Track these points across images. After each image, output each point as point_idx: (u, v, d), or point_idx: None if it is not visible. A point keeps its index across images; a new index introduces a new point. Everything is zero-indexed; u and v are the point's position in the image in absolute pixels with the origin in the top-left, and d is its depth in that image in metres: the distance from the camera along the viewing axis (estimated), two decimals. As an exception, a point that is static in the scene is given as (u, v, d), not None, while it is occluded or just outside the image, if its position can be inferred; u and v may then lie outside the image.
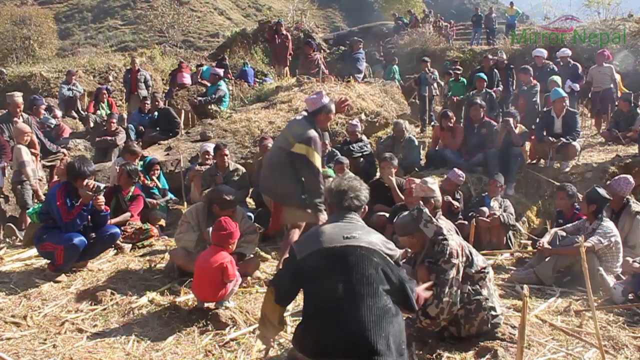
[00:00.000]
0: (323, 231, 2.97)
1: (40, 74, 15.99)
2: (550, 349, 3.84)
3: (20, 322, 4.23)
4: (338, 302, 2.75)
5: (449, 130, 8.46)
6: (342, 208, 3.11)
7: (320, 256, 2.85)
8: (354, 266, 2.81)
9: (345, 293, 2.75)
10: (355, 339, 2.68)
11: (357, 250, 2.85)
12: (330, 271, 2.83)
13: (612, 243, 5.31)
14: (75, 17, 51.91)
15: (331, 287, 2.77)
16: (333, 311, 2.76)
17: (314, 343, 2.79)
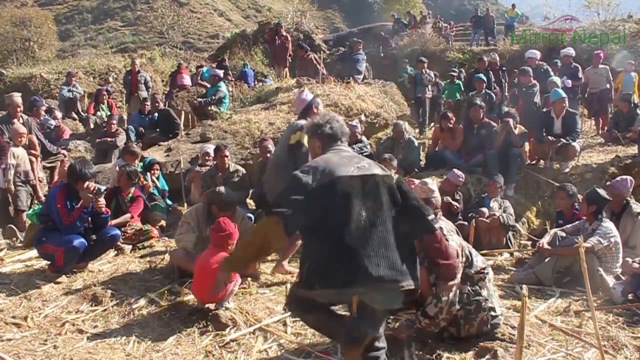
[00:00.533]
0: (331, 160, 2.96)
1: (40, 75, 16.02)
2: (550, 349, 3.85)
3: (21, 323, 4.24)
4: (364, 229, 2.78)
5: (448, 131, 8.47)
6: (334, 138, 3.17)
7: (338, 185, 2.83)
8: (371, 193, 2.87)
9: (369, 220, 2.80)
10: (387, 262, 2.76)
11: (372, 178, 2.91)
12: (351, 199, 2.82)
13: (611, 243, 5.31)
14: (75, 19, 51.92)
15: (354, 215, 2.78)
16: (360, 238, 2.76)
17: (345, 272, 2.75)
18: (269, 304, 4.72)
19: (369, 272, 2.74)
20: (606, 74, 11.21)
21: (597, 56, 11.50)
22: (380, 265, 2.76)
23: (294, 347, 3.91)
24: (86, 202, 5.11)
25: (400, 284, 2.82)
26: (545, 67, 10.87)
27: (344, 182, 2.85)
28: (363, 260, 2.74)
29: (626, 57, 13.68)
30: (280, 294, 4.97)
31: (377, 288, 2.79)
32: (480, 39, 22.91)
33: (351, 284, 2.76)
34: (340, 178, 2.85)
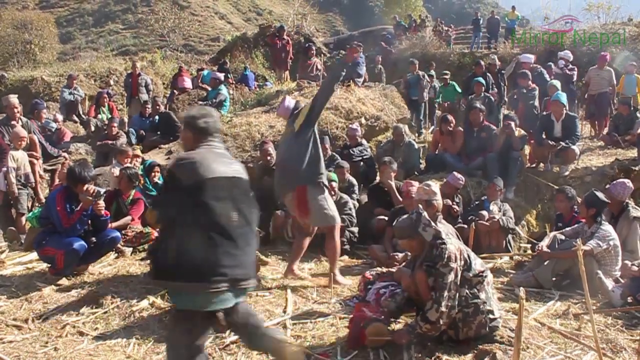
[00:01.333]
0: (208, 158, 3.06)
1: (41, 78, 16.06)
2: (548, 352, 3.86)
3: (22, 325, 4.27)
4: (234, 229, 2.97)
5: (448, 134, 8.48)
6: (207, 133, 3.22)
7: (214, 184, 2.95)
8: (241, 194, 3.09)
9: (238, 220, 3.00)
10: (248, 262, 3.04)
11: (241, 180, 3.14)
12: (224, 200, 2.98)
13: (610, 247, 5.32)
14: (77, 22, 52.12)
15: (226, 214, 2.95)
16: (230, 237, 2.94)
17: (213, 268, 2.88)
18: (269, 306, 4.75)
19: (233, 271, 2.92)
20: (609, 77, 11.10)
21: (602, 57, 11.32)
22: (242, 264, 2.99)
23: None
24: (86, 205, 5.13)
25: (248, 282, 3.06)
26: (540, 70, 10.88)
27: (217, 182, 2.97)
28: (228, 258, 2.91)
29: (628, 59, 13.66)
30: (279, 297, 4.98)
31: (234, 286, 2.95)
32: (481, 42, 22.93)
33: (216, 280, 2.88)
34: (214, 179, 2.96)
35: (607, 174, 8.00)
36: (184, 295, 2.96)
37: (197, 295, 2.91)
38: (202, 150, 3.15)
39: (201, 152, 3.12)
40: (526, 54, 12.11)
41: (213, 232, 2.91)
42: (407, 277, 4.13)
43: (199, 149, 3.16)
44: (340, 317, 4.44)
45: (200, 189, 2.92)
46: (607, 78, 11.05)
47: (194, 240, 2.89)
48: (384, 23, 32.70)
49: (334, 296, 5.00)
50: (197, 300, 2.91)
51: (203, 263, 2.88)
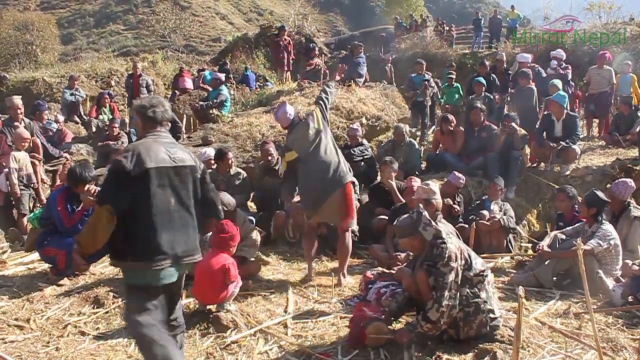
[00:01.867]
0: (151, 148, 3.24)
1: (42, 79, 16.07)
2: (549, 351, 3.86)
3: (24, 325, 4.28)
4: (172, 213, 3.24)
5: (449, 134, 8.49)
6: (155, 122, 3.38)
7: (155, 174, 3.17)
8: (181, 182, 3.30)
9: (176, 205, 3.26)
10: (186, 240, 3.28)
11: (183, 169, 3.31)
12: (164, 187, 3.22)
13: (611, 246, 5.32)
14: (78, 23, 52.14)
15: (166, 200, 3.22)
16: (168, 221, 3.21)
17: (152, 248, 3.17)
18: (270, 306, 4.76)
19: (172, 249, 3.20)
20: (609, 76, 11.08)
21: (602, 56, 11.30)
22: (181, 243, 3.26)
23: (295, 349, 3.93)
24: (87, 205, 5.14)
25: (194, 257, 3.36)
26: (538, 69, 10.87)
27: (161, 172, 3.20)
28: (168, 238, 3.20)
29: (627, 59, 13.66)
30: (281, 297, 4.99)
31: (177, 262, 3.24)
32: (482, 42, 22.92)
33: (158, 257, 3.17)
34: (157, 169, 3.18)
35: (608, 174, 8.01)
36: (134, 273, 3.25)
37: (144, 272, 3.18)
38: (149, 139, 3.34)
39: (146, 142, 3.31)
40: (523, 54, 12.05)
41: (154, 216, 3.16)
42: (408, 276, 4.14)
43: (145, 138, 3.35)
44: (341, 317, 4.46)
45: (143, 178, 3.14)
46: (607, 77, 11.04)
47: (137, 224, 3.17)
48: (384, 23, 32.71)
49: (334, 296, 5.02)
50: (145, 276, 3.20)
51: (146, 244, 3.17)
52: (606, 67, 11.15)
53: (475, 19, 23.86)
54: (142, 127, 3.43)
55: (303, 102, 10.34)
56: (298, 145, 5.33)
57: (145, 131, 3.40)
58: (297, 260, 6.25)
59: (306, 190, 5.40)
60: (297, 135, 5.36)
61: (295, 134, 5.39)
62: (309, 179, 5.30)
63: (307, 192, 5.38)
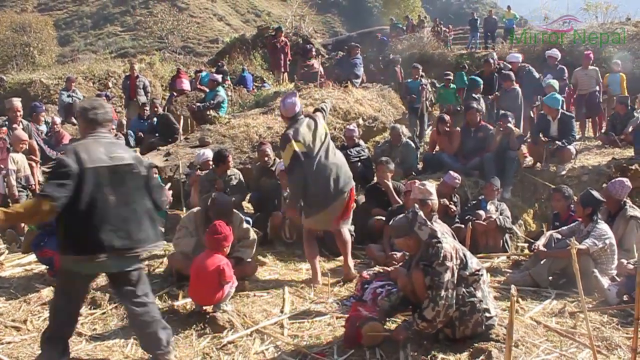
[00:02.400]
0: (90, 149, 3.45)
1: (40, 80, 16.08)
2: (544, 349, 3.88)
3: (21, 326, 4.29)
4: (109, 210, 3.42)
5: (445, 135, 8.52)
6: (95, 123, 3.57)
7: (92, 173, 3.37)
8: (119, 179, 3.47)
9: (115, 201, 3.44)
10: (127, 235, 3.45)
11: (122, 167, 3.49)
12: (102, 185, 3.40)
13: (606, 245, 5.34)
14: (75, 24, 52.13)
15: (103, 198, 3.40)
16: (106, 216, 3.40)
17: (92, 243, 3.38)
18: (266, 306, 4.77)
19: (111, 243, 3.39)
20: (596, 75, 11.15)
21: (586, 57, 11.38)
22: (121, 237, 3.43)
23: (291, 349, 3.95)
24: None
25: (135, 250, 3.51)
26: (528, 68, 10.89)
27: (97, 171, 3.39)
28: (106, 234, 3.39)
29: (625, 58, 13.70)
30: (277, 297, 5.01)
31: (117, 255, 3.45)
32: (479, 42, 22.94)
33: (96, 252, 3.39)
34: (95, 168, 3.37)
35: (604, 173, 8.04)
36: (75, 263, 3.48)
37: (83, 264, 3.46)
38: (89, 140, 3.55)
39: (86, 143, 3.53)
40: (514, 54, 12.02)
41: (90, 214, 3.36)
42: (404, 276, 4.16)
43: (86, 139, 3.57)
44: (337, 317, 4.48)
45: (81, 177, 3.34)
46: (594, 77, 11.11)
47: (76, 221, 3.37)
48: (382, 24, 32.67)
49: (331, 296, 5.03)
50: (82, 267, 3.48)
51: (83, 240, 3.39)
52: (591, 67, 11.22)
53: (471, 19, 23.88)
54: (84, 129, 3.63)
55: (300, 102, 10.34)
56: (305, 140, 5.19)
57: (86, 132, 3.61)
58: (293, 260, 6.27)
59: (314, 191, 5.22)
60: (304, 129, 5.22)
61: (302, 127, 5.23)
62: (319, 179, 5.19)
63: (314, 193, 5.22)
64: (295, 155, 5.12)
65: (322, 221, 5.42)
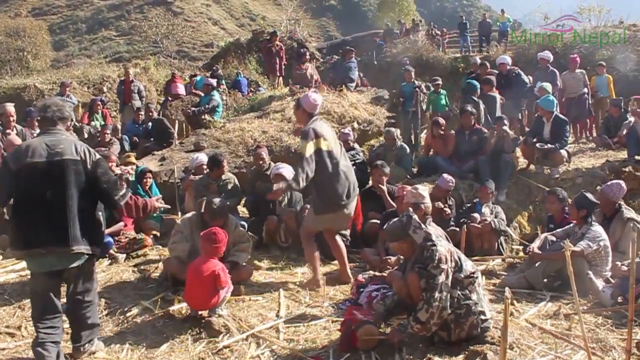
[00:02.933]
0: (32, 146, 3.63)
1: (34, 85, 16.01)
2: (539, 352, 3.89)
3: (15, 332, 4.29)
4: (47, 205, 3.54)
5: (440, 138, 8.54)
6: (48, 121, 3.76)
7: (30, 169, 3.54)
8: (59, 176, 3.56)
9: (52, 197, 3.54)
10: (62, 231, 3.53)
11: (60, 163, 3.58)
12: (40, 180, 3.54)
13: (601, 247, 5.36)
14: (70, 29, 51.98)
15: (42, 193, 3.53)
16: (43, 212, 3.54)
17: (26, 239, 3.57)
18: (262, 310, 4.77)
19: (45, 240, 3.52)
20: (583, 78, 11.11)
21: (573, 60, 11.38)
22: (56, 235, 3.54)
23: (287, 353, 3.95)
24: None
25: (70, 247, 3.57)
26: (517, 72, 10.92)
27: (34, 167, 3.54)
28: (41, 230, 3.54)
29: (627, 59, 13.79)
30: (272, 301, 5.01)
31: (50, 251, 3.56)
32: (473, 46, 23.02)
33: (32, 246, 3.56)
34: (32, 163, 3.54)
35: (598, 176, 8.08)
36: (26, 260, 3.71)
37: (27, 260, 3.69)
38: (36, 139, 3.81)
39: (33, 140, 3.79)
40: (503, 56, 12.05)
41: (27, 209, 3.55)
42: (399, 279, 4.17)
43: (39, 136, 3.83)
44: (333, 321, 4.48)
45: (20, 173, 3.55)
46: (581, 79, 11.07)
47: (16, 216, 3.63)
48: (377, 28, 32.78)
49: (326, 300, 5.03)
50: (31, 264, 3.68)
51: (21, 235, 3.59)
52: (578, 71, 11.17)
53: (460, 23, 23.95)
54: (40, 126, 3.92)
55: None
56: (328, 140, 5.21)
57: (42, 129, 3.88)
58: (289, 264, 6.26)
59: (332, 190, 5.18)
60: (325, 130, 5.26)
61: (323, 127, 5.27)
62: (340, 179, 5.19)
63: (334, 192, 5.18)
64: (320, 153, 5.08)
65: (334, 221, 5.41)
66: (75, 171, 3.60)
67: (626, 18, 21.39)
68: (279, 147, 9.14)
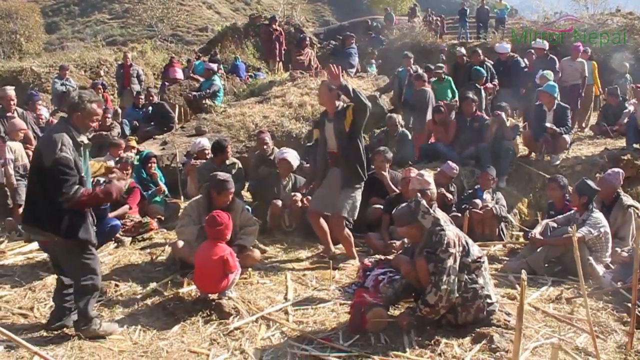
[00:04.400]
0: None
1: (30, 68, 15.95)
2: (543, 334, 3.99)
3: (28, 313, 4.33)
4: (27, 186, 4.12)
5: (441, 124, 8.59)
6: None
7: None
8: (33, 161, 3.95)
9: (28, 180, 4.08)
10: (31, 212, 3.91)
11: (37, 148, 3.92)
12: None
13: (601, 233, 5.45)
14: (62, 11, 51.40)
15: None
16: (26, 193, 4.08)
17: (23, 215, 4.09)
18: (270, 293, 4.84)
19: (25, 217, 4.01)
20: (581, 68, 10.59)
21: (575, 48, 10.91)
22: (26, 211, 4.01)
23: (296, 335, 4.02)
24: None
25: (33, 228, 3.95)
26: (516, 59, 10.91)
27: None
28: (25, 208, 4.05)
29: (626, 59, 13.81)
30: (280, 284, 5.08)
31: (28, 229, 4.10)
32: (470, 33, 22.96)
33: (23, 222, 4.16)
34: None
35: (597, 163, 8.18)
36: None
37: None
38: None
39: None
40: (503, 44, 11.85)
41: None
42: (407, 263, 4.24)
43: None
44: (341, 303, 4.55)
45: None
46: (579, 69, 10.60)
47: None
48: (373, 13, 32.61)
49: (332, 283, 5.10)
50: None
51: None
52: (579, 60, 10.76)
53: (461, 9, 23.85)
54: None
55: (296, 92, 10.40)
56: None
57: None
58: (293, 248, 6.33)
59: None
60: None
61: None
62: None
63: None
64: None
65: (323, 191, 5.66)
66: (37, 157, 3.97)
67: (624, 6, 21.43)
68: (280, 132, 9.18)
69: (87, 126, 3.97)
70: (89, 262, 3.89)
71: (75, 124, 3.89)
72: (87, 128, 3.99)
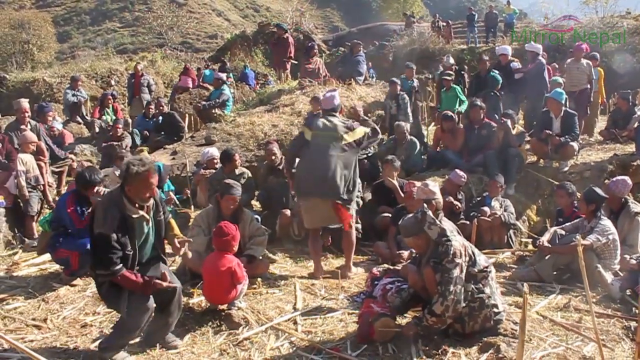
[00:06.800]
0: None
1: (43, 79, 16.15)
2: (550, 343, 4.00)
3: (41, 324, 4.40)
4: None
5: (449, 132, 8.61)
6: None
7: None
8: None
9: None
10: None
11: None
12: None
13: (609, 241, 5.46)
14: (74, 20, 52.05)
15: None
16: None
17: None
18: (279, 303, 4.88)
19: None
20: (588, 70, 9.95)
21: (578, 48, 10.34)
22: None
23: (305, 345, 4.05)
24: (97, 206, 5.28)
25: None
26: (513, 62, 10.85)
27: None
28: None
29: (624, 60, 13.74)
30: (289, 294, 5.12)
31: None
32: (478, 37, 22.94)
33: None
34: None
35: (605, 169, 8.15)
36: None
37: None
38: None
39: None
40: (504, 46, 11.71)
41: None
42: (414, 273, 4.27)
43: None
44: (349, 313, 4.59)
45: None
46: (587, 72, 9.94)
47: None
48: (382, 19, 32.73)
49: (341, 292, 5.14)
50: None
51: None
52: (584, 61, 10.09)
53: (469, 14, 23.84)
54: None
55: (305, 101, 10.45)
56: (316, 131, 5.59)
57: None
58: (302, 257, 6.38)
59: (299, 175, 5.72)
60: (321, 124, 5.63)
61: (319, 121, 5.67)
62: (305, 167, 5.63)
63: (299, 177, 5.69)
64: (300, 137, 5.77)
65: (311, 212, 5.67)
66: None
67: (634, 9, 21.35)
68: (289, 141, 9.23)
69: (142, 197, 3.74)
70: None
71: (130, 195, 3.71)
72: (143, 199, 3.75)
